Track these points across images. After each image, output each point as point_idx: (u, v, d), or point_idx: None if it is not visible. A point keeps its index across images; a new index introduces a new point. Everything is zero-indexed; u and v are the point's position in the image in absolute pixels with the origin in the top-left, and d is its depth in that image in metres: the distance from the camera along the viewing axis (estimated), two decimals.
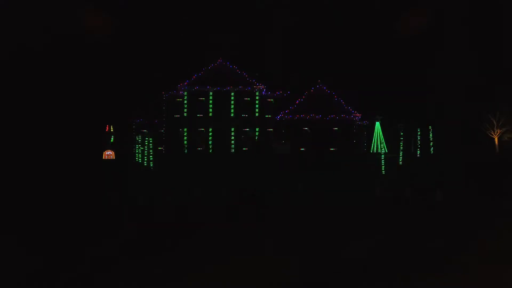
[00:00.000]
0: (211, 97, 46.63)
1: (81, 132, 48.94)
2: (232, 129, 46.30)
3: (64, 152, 43.91)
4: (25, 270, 12.58)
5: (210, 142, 46.47)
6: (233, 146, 46.02)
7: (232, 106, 46.58)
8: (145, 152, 46.04)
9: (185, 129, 46.37)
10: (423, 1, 58.09)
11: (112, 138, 51.28)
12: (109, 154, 54.90)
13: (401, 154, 44.62)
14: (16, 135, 44.76)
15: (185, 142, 46.19)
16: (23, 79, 48.53)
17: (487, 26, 53.56)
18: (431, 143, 47.23)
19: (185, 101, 46.44)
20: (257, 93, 46.96)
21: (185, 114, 46.43)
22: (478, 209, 24.98)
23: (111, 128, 55.40)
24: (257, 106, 46.91)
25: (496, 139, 47.33)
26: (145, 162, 45.95)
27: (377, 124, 46.31)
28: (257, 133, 46.61)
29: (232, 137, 46.19)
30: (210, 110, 46.65)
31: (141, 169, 45.04)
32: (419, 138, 46.69)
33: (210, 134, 46.61)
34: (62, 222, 21.18)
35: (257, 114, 46.79)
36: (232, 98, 46.55)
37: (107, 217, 23.24)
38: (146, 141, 45.91)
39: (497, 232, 17.68)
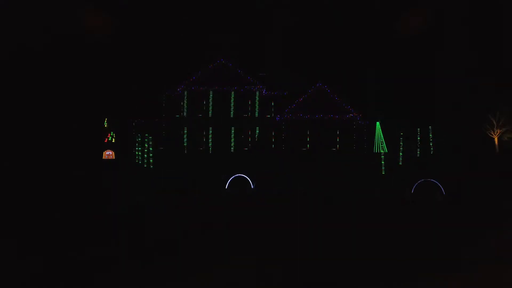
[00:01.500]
0: (211, 97, 46.62)
1: (81, 132, 48.92)
2: (232, 129, 46.28)
3: (64, 151, 43.90)
4: (25, 271, 12.57)
5: (210, 142, 46.45)
6: (233, 146, 45.99)
7: (232, 106, 46.57)
8: (145, 152, 45.98)
9: (185, 129, 46.35)
10: (423, 1, 58.14)
11: (111, 137, 51.08)
12: (109, 154, 54.89)
13: (401, 154, 44.59)
14: (16, 135, 44.77)
15: (185, 142, 46.18)
16: (23, 79, 48.53)
17: (487, 26, 53.57)
18: (431, 143, 47.17)
19: (185, 101, 46.42)
20: (257, 93, 46.95)
21: (185, 114, 46.42)
22: (477, 209, 24.99)
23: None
24: (257, 106, 46.90)
25: (496, 139, 47.29)
26: (145, 163, 45.88)
27: (377, 124, 46.29)
28: (257, 133, 46.58)
29: (232, 137, 46.16)
30: (210, 110, 46.64)
31: (140, 169, 44.98)
32: (419, 138, 46.63)
33: (210, 134, 46.58)
34: (62, 223, 21.20)
35: (257, 114, 46.78)
36: (232, 98, 46.54)
37: (105, 217, 23.25)
38: (146, 141, 45.87)
39: (497, 232, 17.68)
